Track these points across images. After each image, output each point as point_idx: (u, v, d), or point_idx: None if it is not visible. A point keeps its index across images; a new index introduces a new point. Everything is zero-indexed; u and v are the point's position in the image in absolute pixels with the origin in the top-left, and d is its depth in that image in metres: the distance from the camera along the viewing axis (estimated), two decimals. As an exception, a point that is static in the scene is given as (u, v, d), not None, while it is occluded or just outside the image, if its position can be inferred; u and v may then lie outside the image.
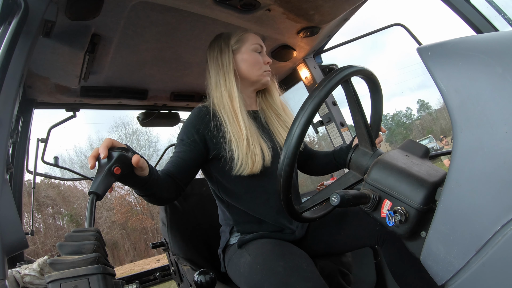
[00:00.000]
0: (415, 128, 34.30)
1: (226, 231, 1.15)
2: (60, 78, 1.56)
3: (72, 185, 17.11)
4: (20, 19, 0.89)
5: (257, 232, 1.08)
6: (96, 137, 18.26)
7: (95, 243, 0.59)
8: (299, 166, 1.38)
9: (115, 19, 1.26)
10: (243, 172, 1.04)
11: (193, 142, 1.06)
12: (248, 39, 1.17)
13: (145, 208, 17.52)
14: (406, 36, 1.52)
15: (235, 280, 1.05)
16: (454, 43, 0.52)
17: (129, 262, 14.85)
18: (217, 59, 1.16)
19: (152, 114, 2.14)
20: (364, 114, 0.78)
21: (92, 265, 0.56)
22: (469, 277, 0.48)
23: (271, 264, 0.92)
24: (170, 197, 1.01)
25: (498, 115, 0.45)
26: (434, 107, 35.97)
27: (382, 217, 0.63)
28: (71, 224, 16.38)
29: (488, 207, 0.46)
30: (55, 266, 0.55)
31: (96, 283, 0.55)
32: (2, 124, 0.82)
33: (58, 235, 15.38)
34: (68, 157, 15.86)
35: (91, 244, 0.59)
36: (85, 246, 0.58)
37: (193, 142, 1.06)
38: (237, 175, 1.05)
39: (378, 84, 0.81)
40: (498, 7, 0.97)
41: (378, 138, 0.94)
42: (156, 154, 16.52)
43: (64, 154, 15.95)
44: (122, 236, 16.69)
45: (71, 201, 17.16)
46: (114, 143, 0.76)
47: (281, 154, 0.67)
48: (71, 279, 0.54)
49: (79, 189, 17.28)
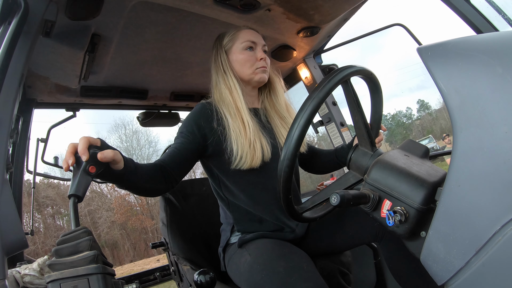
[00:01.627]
0: (415, 128, 34.31)
1: (226, 229, 1.15)
2: (60, 78, 1.56)
3: None
4: (20, 19, 0.89)
5: (257, 231, 1.08)
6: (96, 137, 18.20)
7: (90, 239, 0.59)
8: (304, 165, 1.39)
9: (115, 19, 1.26)
10: (243, 166, 1.04)
11: (191, 135, 1.06)
12: (238, 37, 1.16)
13: (145, 208, 17.53)
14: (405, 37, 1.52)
15: (235, 280, 1.05)
16: (454, 43, 0.52)
17: (129, 262, 14.86)
18: (215, 60, 1.18)
19: (152, 114, 2.14)
20: (364, 114, 0.78)
21: (91, 264, 0.56)
22: (469, 277, 0.48)
23: (271, 264, 0.92)
24: (157, 188, 0.97)
25: (498, 115, 0.45)
26: (434, 107, 36.04)
27: (382, 217, 0.63)
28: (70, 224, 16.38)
29: (488, 207, 0.46)
30: (55, 266, 0.55)
31: (96, 283, 0.55)
32: (2, 124, 0.82)
33: (58, 235, 15.36)
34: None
35: (87, 240, 0.59)
36: (81, 244, 0.58)
37: (192, 134, 1.06)
38: (236, 169, 1.05)
39: (378, 84, 0.81)
40: (498, 7, 0.97)
41: (378, 137, 0.94)
42: (156, 154, 16.53)
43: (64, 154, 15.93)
44: (122, 236, 16.69)
45: None
46: (90, 141, 0.75)
47: (281, 153, 0.67)
48: (70, 279, 0.54)
49: None
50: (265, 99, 1.24)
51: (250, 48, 1.15)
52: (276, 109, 1.22)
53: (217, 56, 1.17)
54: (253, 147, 1.04)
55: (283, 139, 1.15)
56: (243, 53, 1.14)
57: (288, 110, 1.24)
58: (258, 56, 1.15)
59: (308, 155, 1.33)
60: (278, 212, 1.10)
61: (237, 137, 1.05)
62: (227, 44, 1.17)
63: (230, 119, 1.07)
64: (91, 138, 0.75)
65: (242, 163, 1.04)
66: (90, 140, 0.74)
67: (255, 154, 1.04)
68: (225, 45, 1.17)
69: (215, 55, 1.18)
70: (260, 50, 1.16)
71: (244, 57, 1.14)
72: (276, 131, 1.17)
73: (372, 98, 0.83)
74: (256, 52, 1.16)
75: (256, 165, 1.04)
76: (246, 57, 1.14)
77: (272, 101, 1.23)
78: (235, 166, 1.05)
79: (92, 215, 16.77)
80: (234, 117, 1.07)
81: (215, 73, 1.17)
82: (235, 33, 1.17)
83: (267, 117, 1.21)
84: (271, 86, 1.24)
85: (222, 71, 1.15)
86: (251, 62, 1.14)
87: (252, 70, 1.14)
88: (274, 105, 1.22)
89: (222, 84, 1.13)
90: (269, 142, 1.09)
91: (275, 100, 1.23)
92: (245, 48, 1.15)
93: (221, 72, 1.15)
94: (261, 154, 1.05)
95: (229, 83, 1.12)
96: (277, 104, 1.22)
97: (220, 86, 1.14)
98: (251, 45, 1.15)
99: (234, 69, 1.15)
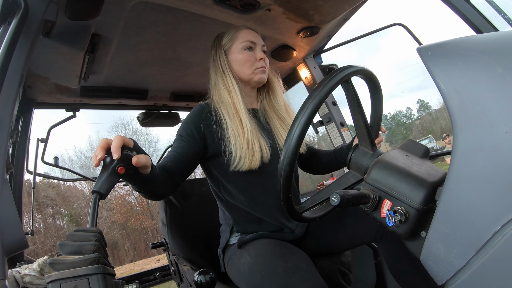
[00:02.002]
0: (415, 128, 34.36)
1: (226, 230, 1.15)
2: (60, 78, 1.56)
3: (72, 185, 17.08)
4: (20, 19, 0.89)
5: (256, 232, 1.08)
6: (96, 137, 18.20)
7: (96, 244, 0.59)
8: (303, 165, 1.38)
9: (115, 19, 1.26)
10: (242, 167, 1.03)
11: (191, 138, 1.06)
12: (237, 37, 1.16)
13: (145, 208, 17.50)
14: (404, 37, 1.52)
15: (235, 280, 1.05)
16: (454, 43, 0.52)
17: (129, 262, 14.83)
18: (214, 60, 1.18)
19: (152, 114, 2.14)
20: (364, 114, 0.78)
21: (92, 265, 0.56)
22: (469, 277, 0.48)
23: (271, 265, 0.92)
24: (166, 192, 1.00)
25: (498, 115, 0.45)
26: (434, 107, 36.07)
27: (382, 217, 0.63)
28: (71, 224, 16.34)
29: (488, 207, 0.46)
30: (55, 266, 0.55)
31: (96, 283, 0.55)
32: (2, 124, 0.82)
33: (58, 235, 15.34)
34: (68, 157, 15.85)
35: (91, 245, 0.59)
36: (85, 247, 0.58)
37: (191, 138, 1.06)
38: (235, 171, 1.05)
39: (378, 84, 0.81)
40: (498, 7, 0.97)
41: (378, 138, 0.94)
42: (156, 154, 16.50)
43: (64, 154, 15.95)
44: (122, 236, 16.67)
45: (71, 201, 17.12)
46: (125, 140, 0.74)
47: (281, 154, 0.67)
48: (71, 279, 0.54)
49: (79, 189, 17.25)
50: (264, 99, 1.24)
51: (250, 48, 1.15)
52: (275, 110, 1.21)
53: (216, 56, 1.17)
54: (251, 148, 1.04)
55: (282, 140, 1.14)
56: (243, 53, 1.14)
57: (287, 110, 1.23)
58: (258, 56, 1.15)
59: (307, 155, 1.33)
60: (278, 213, 1.10)
61: (236, 138, 1.04)
62: (226, 44, 1.17)
63: (228, 120, 1.06)
64: (125, 138, 0.75)
65: (241, 165, 1.03)
66: (124, 140, 0.74)
67: (253, 155, 1.03)
68: (224, 45, 1.17)
69: (214, 55, 1.18)
70: (259, 50, 1.16)
71: (243, 57, 1.14)
72: (275, 132, 1.17)
73: (372, 98, 0.83)
74: (256, 52, 1.15)
75: (255, 166, 1.04)
76: (245, 57, 1.14)
77: (271, 102, 1.23)
78: (234, 167, 1.04)
79: (93, 215, 16.69)
80: (232, 118, 1.07)
81: (214, 73, 1.17)
82: (234, 33, 1.17)
83: (266, 117, 1.20)
84: (270, 86, 1.24)
85: (221, 71, 1.14)
86: (250, 62, 1.14)
87: (252, 70, 1.14)
88: (273, 106, 1.22)
89: (221, 84, 1.13)
90: (268, 143, 1.09)
91: (274, 100, 1.22)
92: (244, 48, 1.14)
93: (220, 72, 1.14)
94: (259, 155, 1.04)
95: (228, 83, 1.12)
96: (276, 104, 1.22)
97: (219, 86, 1.14)
98: (251, 45, 1.15)
99: (233, 69, 1.15)
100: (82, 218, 16.45)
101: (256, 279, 0.92)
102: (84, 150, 16.81)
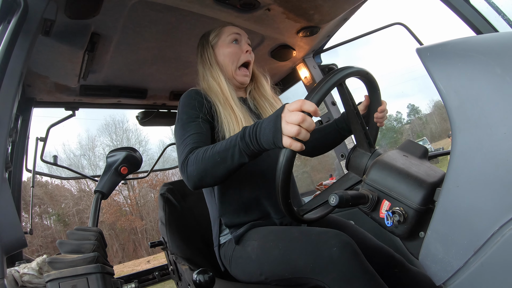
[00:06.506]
0: (405, 132, 34.59)
1: (215, 224, 1.14)
2: (60, 77, 1.56)
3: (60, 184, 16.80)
4: (20, 18, 0.89)
5: (244, 222, 1.07)
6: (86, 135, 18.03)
7: (95, 243, 0.59)
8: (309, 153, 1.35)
9: (115, 18, 1.26)
10: None
11: (198, 115, 1.05)
12: (224, 32, 1.20)
13: (134, 209, 17.42)
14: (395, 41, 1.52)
15: (244, 275, 1.03)
16: (453, 44, 0.52)
17: (117, 263, 14.67)
18: (201, 56, 1.21)
19: (151, 113, 2.14)
20: (360, 116, 0.79)
21: (91, 264, 0.56)
22: (467, 277, 0.48)
23: (285, 235, 0.92)
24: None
25: (497, 116, 0.45)
26: (424, 111, 36.56)
27: (380, 217, 0.64)
28: (58, 224, 16.17)
29: (487, 207, 0.46)
30: (54, 264, 0.55)
31: (95, 282, 0.55)
32: (1, 122, 0.82)
33: (45, 235, 15.13)
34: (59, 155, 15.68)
35: (91, 244, 0.59)
36: (84, 246, 0.58)
37: (197, 116, 1.05)
38: None
39: (374, 82, 0.81)
40: (498, 8, 0.97)
41: (381, 106, 0.93)
42: (146, 154, 16.30)
43: (63, 154, 15.89)
44: (110, 237, 16.53)
45: (59, 200, 16.86)
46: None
47: (280, 154, 0.67)
48: (69, 278, 0.54)
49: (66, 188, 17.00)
50: (252, 89, 1.26)
51: (236, 41, 1.19)
52: (266, 98, 1.24)
53: (204, 51, 1.21)
54: None
55: None
56: (230, 46, 1.18)
57: (275, 100, 1.25)
58: (244, 48, 1.19)
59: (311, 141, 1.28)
60: (264, 198, 1.08)
61: (229, 123, 1.06)
62: (213, 39, 1.21)
63: (220, 106, 1.08)
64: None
65: None
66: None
67: None
68: (211, 41, 1.21)
69: (201, 51, 1.22)
70: (245, 43, 1.20)
71: (230, 50, 1.17)
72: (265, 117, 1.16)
73: (370, 96, 0.84)
74: (242, 45, 1.19)
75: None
76: (232, 50, 1.17)
77: (259, 91, 1.25)
78: None
79: (81, 215, 16.58)
80: (224, 105, 1.08)
81: (201, 68, 1.20)
82: (220, 29, 1.21)
83: (256, 104, 1.23)
84: (257, 80, 1.26)
85: (208, 64, 1.18)
86: (237, 56, 1.17)
87: (236, 67, 1.17)
88: (262, 94, 1.25)
89: (209, 76, 1.16)
90: None
91: (262, 90, 1.25)
92: (231, 41, 1.18)
93: (207, 66, 1.18)
94: None
95: (216, 75, 1.15)
96: (265, 93, 1.25)
97: (207, 78, 1.16)
98: (237, 37, 1.19)
99: (220, 62, 1.18)
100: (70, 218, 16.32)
101: (275, 254, 0.91)
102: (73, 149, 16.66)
